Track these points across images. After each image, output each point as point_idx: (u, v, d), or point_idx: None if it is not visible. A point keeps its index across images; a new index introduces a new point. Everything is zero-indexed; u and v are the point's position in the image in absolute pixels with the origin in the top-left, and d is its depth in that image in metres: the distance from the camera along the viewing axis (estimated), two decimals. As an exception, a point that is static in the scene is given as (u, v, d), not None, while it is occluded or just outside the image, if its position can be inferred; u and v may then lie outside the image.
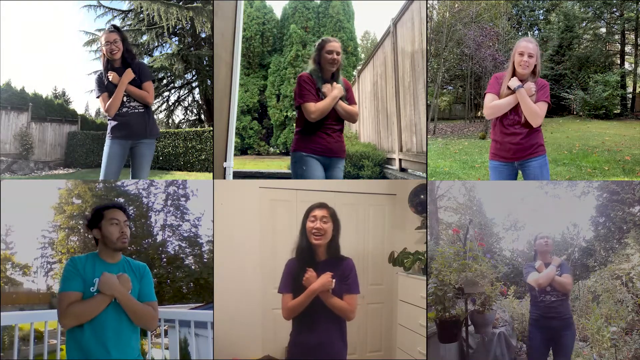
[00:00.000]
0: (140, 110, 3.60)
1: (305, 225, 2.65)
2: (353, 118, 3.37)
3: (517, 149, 3.12)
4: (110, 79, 3.50)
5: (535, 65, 3.08)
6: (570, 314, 3.52)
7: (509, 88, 3.09)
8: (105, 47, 3.51)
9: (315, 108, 3.21)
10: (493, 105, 3.12)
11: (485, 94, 3.25)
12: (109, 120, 3.60)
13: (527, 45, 3.05)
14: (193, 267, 12.27)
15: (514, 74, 3.11)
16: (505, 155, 3.17)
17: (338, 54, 3.26)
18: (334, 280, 2.54)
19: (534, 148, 3.13)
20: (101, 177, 3.59)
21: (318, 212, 2.64)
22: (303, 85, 3.24)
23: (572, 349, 3.52)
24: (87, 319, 2.20)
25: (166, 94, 12.83)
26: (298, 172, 3.31)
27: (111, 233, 2.34)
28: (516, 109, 3.10)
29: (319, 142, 3.27)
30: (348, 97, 3.35)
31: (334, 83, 3.28)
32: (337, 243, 2.69)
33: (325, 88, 3.24)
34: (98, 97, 3.57)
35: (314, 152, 3.27)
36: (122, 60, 3.58)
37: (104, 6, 11.85)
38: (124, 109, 3.55)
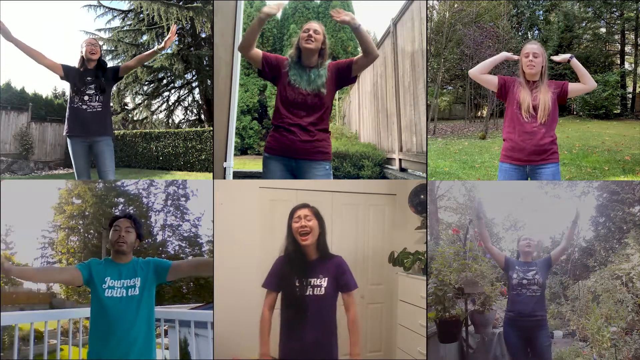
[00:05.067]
0: (98, 110, 3.75)
1: (291, 227, 2.62)
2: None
3: (533, 150, 3.11)
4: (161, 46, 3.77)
5: (542, 67, 3.14)
6: (543, 313, 3.39)
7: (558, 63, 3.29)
8: (87, 48, 3.75)
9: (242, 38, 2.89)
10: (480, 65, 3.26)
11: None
12: (67, 117, 3.76)
13: (531, 47, 3.15)
14: (193, 267, 12.26)
15: (525, 77, 3.17)
16: (518, 157, 3.13)
17: (316, 32, 2.89)
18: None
19: (549, 154, 3.14)
20: (76, 177, 3.84)
21: (301, 212, 2.61)
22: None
23: (550, 350, 3.40)
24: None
25: (166, 94, 12.81)
26: (262, 174, 3.05)
27: (111, 237, 2.61)
28: (535, 108, 3.11)
29: (278, 139, 2.92)
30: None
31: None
32: (325, 241, 2.65)
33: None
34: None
35: (272, 151, 2.95)
36: (97, 64, 3.82)
37: (104, 6, 11.84)
38: (84, 106, 3.71)
